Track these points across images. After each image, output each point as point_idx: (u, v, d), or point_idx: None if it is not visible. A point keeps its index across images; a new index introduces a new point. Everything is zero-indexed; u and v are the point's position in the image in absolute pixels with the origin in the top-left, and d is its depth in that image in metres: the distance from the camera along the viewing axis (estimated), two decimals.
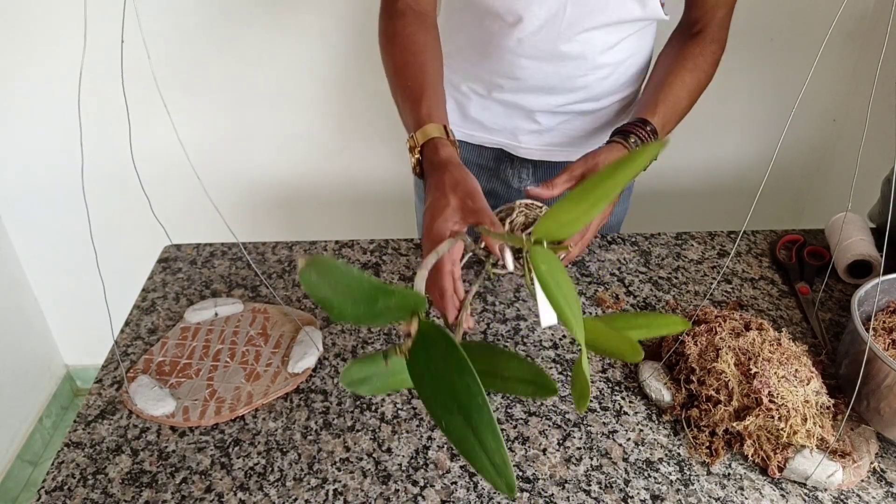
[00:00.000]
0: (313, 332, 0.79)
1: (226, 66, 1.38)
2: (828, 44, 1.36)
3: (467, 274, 0.88)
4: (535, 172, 1.01)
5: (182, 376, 0.75)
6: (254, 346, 0.78)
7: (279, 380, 0.74)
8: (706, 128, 1.51)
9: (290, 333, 0.80)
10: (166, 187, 1.55)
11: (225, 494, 0.62)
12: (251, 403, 0.71)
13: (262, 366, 0.76)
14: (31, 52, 1.35)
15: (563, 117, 0.93)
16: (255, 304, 0.84)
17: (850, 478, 0.62)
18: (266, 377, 0.74)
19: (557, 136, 0.96)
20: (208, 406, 0.71)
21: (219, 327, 0.81)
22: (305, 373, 0.74)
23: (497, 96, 0.92)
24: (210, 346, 0.79)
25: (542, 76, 0.87)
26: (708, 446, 0.66)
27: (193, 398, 0.72)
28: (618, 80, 0.91)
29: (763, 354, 0.66)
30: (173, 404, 0.71)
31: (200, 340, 0.80)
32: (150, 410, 0.70)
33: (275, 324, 0.81)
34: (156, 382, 0.73)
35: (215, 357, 0.77)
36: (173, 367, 0.76)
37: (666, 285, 0.88)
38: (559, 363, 0.76)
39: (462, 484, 0.63)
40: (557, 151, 0.97)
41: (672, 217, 1.62)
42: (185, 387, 0.74)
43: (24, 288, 1.67)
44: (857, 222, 0.91)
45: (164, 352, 0.79)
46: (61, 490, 0.63)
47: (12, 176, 1.50)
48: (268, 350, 0.78)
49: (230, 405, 0.71)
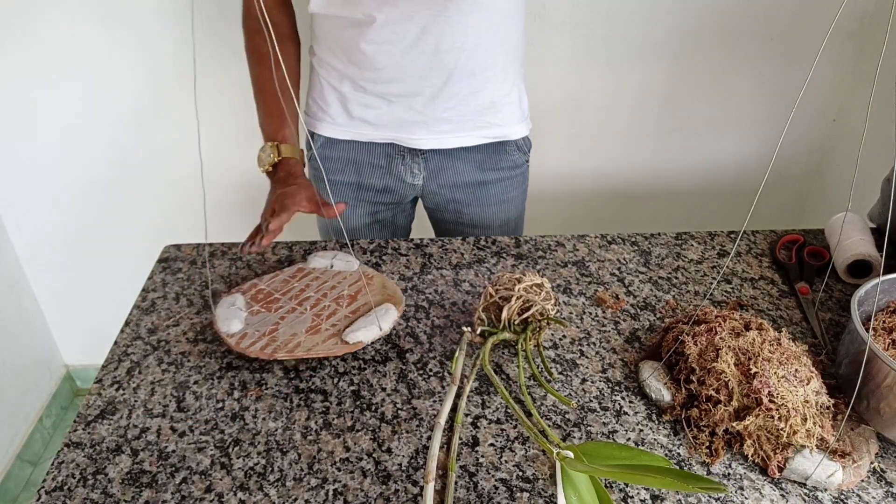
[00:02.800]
0: (389, 310, 0.78)
1: (226, 65, 1.37)
2: (828, 44, 1.36)
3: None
4: (427, 165, 1.04)
5: (264, 307, 0.78)
6: (336, 305, 0.79)
7: (329, 342, 0.74)
8: (706, 128, 1.51)
9: (374, 304, 0.79)
10: (167, 187, 1.55)
11: (225, 494, 0.62)
12: (293, 353, 0.72)
13: (327, 324, 0.76)
14: (31, 53, 1.35)
15: (445, 101, 0.96)
16: (366, 269, 0.86)
17: (850, 478, 0.62)
18: (322, 335, 0.75)
19: (443, 122, 0.98)
20: (261, 341, 0.73)
21: (325, 278, 0.84)
22: (356, 345, 0.74)
23: (372, 89, 0.95)
24: (305, 292, 0.81)
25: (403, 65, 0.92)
26: (708, 446, 0.66)
27: (257, 329, 0.75)
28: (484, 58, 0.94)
29: (763, 354, 0.66)
30: (239, 328, 0.75)
31: (302, 284, 0.83)
32: (220, 324, 0.75)
33: (370, 291, 0.81)
34: (243, 304, 0.78)
35: (300, 302, 0.80)
36: (266, 297, 0.80)
37: (666, 285, 0.88)
38: (559, 363, 0.76)
39: (462, 484, 0.63)
40: (448, 138, 1.00)
41: (672, 217, 1.63)
42: (259, 317, 0.77)
43: (24, 288, 1.67)
44: (857, 222, 0.91)
45: (270, 282, 0.83)
46: (61, 490, 0.63)
47: (12, 176, 1.51)
48: (344, 312, 0.78)
49: (276, 347, 0.73)
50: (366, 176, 1.05)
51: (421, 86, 0.94)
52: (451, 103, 0.96)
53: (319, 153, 1.05)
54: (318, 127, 1.03)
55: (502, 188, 1.08)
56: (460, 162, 1.04)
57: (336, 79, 0.97)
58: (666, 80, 1.43)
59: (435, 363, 0.76)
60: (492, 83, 0.97)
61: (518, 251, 0.95)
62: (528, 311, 0.74)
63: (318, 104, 1.03)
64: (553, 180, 1.53)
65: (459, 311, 0.84)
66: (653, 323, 0.82)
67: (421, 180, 1.05)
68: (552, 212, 1.58)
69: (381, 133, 1.00)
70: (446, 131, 0.99)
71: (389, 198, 1.09)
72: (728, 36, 1.38)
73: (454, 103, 0.96)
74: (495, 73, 0.96)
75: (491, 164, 1.05)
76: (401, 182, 1.05)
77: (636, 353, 0.78)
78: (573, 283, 0.89)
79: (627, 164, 1.55)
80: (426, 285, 0.88)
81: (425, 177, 1.05)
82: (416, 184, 1.06)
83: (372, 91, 0.95)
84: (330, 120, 1.01)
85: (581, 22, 1.35)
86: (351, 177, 1.05)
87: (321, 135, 1.03)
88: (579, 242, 0.96)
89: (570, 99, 1.44)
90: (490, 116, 0.99)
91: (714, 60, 1.41)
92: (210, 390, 0.73)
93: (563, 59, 1.38)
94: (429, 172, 1.05)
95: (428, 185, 1.06)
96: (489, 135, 1.01)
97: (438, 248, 0.95)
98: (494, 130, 1.01)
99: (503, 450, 0.66)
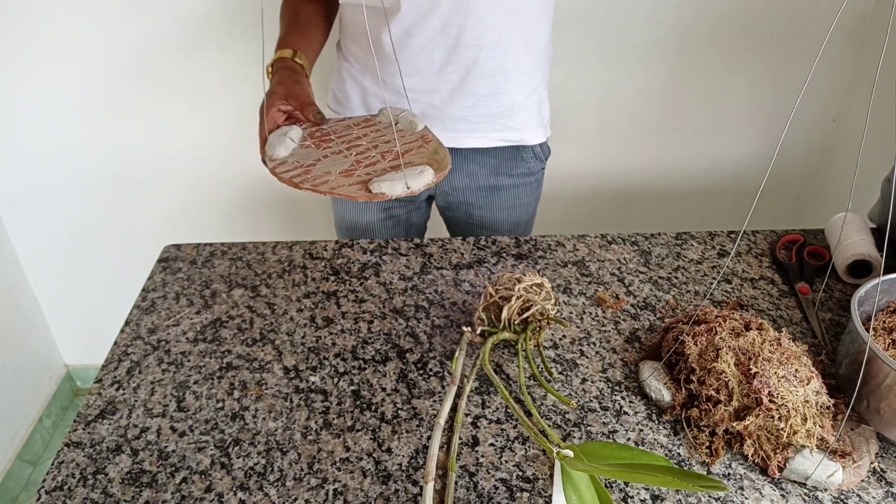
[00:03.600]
0: (425, 171, 0.73)
1: (227, 65, 1.38)
2: (828, 44, 1.36)
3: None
4: None
5: (315, 145, 0.78)
6: (382, 157, 0.77)
7: (355, 187, 0.72)
8: (706, 128, 1.51)
9: (414, 164, 0.76)
10: (167, 187, 1.55)
11: (225, 494, 0.62)
12: (317, 188, 0.71)
13: (362, 171, 0.74)
14: (31, 53, 1.35)
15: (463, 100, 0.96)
16: (427, 133, 0.83)
17: (850, 478, 0.62)
18: (351, 179, 0.73)
19: (460, 121, 0.98)
20: (295, 170, 0.74)
21: (384, 131, 0.83)
22: (378, 196, 0.71)
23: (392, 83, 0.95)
24: (360, 139, 0.81)
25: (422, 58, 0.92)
26: (708, 446, 0.66)
27: (298, 160, 0.75)
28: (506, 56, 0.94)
29: (763, 354, 0.66)
30: (283, 154, 0.76)
31: (361, 132, 0.82)
32: (268, 148, 0.77)
33: (419, 154, 0.79)
34: (298, 137, 0.79)
35: (350, 147, 0.79)
36: (322, 136, 0.80)
37: (666, 285, 0.88)
38: (559, 363, 0.76)
39: (462, 484, 0.63)
40: (464, 137, 1.00)
41: (672, 217, 1.63)
42: (306, 151, 0.77)
43: (24, 288, 1.67)
44: (857, 222, 0.91)
45: (334, 125, 0.83)
46: (61, 490, 0.63)
47: (12, 176, 1.51)
48: (384, 165, 0.76)
49: (306, 179, 0.72)
50: None
51: (439, 81, 0.94)
52: (469, 102, 0.96)
53: None
54: None
55: (515, 194, 1.08)
56: (475, 165, 1.04)
57: (358, 72, 0.98)
58: (666, 80, 1.43)
59: (435, 363, 0.76)
60: (512, 86, 0.96)
61: (518, 251, 0.95)
62: (528, 311, 0.74)
63: (338, 98, 1.04)
64: (553, 180, 1.53)
65: (459, 311, 0.84)
66: (653, 323, 0.82)
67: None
68: (552, 212, 1.58)
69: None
70: (463, 130, 0.99)
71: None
72: (728, 36, 1.38)
73: (472, 102, 0.96)
74: (516, 75, 0.96)
75: (506, 169, 1.05)
76: None
77: (636, 353, 0.78)
78: (573, 283, 0.89)
79: (627, 164, 1.55)
80: (426, 285, 0.88)
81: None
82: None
83: (391, 85, 0.95)
84: (350, 113, 1.02)
85: (581, 22, 1.35)
86: None
87: None
88: (579, 242, 0.96)
89: (570, 99, 1.44)
90: (507, 119, 0.99)
91: (714, 61, 1.41)
92: (210, 390, 0.73)
93: (563, 58, 1.38)
94: None
95: (441, 186, 1.07)
96: (506, 138, 1.01)
97: (438, 248, 0.95)
98: (511, 134, 1.01)
99: (503, 450, 0.66)
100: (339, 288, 0.88)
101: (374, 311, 0.84)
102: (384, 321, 0.82)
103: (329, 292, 0.87)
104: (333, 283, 0.88)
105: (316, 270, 0.91)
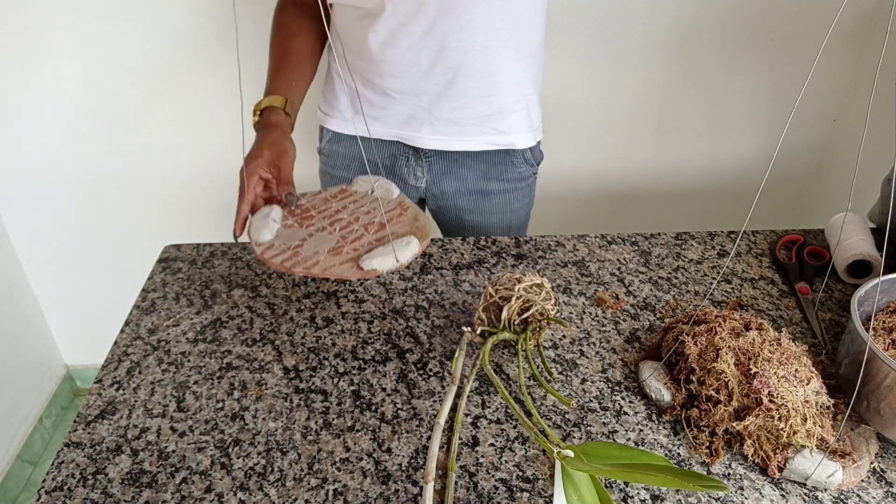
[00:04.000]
0: (410, 242, 0.75)
1: (227, 65, 1.38)
2: (828, 44, 1.36)
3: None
4: (431, 169, 1.04)
5: (298, 223, 0.79)
6: (365, 230, 0.78)
7: (346, 266, 0.73)
8: (706, 128, 1.51)
9: (400, 235, 0.77)
10: (167, 187, 1.55)
11: (225, 494, 0.62)
12: (309, 270, 0.72)
13: (350, 247, 0.75)
14: (32, 54, 1.35)
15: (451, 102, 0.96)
16: (404, 199, 0.84)
17: (850, 478, 0.62)
18: (341, 258, 0.74)
19: (448, 123, 0.98)
20: (284, 254, 0.74)
21: (362, 201, 0.83)
22: (370, 273, 0.72)
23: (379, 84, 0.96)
24: (340, 213, 0.81)
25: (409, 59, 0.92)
26: (708, 446, 0.66)
27: (284, 242, 0.75)
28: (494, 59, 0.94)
29: (763, 354, 0.66)
30: (268, 238, 0.76)
31: (339, 205, 0.83)
32: (252, 232, 0.77)
33: (400, 222, 0.80)
34: (279, 217, 0.79)
35: (333, 222, 0.80)
36: (303, 213, 0.81)
37: (666, 285, 0.88)
38: (559, 363, 0.76)
39: (462, 484, 0.63)
40: (453, 140, 1.00)
41: (672, 217, 1.63)
42: (290, 232, 0.78)
43: (24, 288, 1.67)
44: (857, 222, 0.91)
45: (312, 199, 0.83)
46: (61, 490, 0.63)
47: (12, 176, 1.51)
48: (369, 238, 0.77)
49: (295, 262, 0.73)
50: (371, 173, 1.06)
51: (426, 84, 0.94)
52: (458, 104, 0.96)
53: (328, 148, 1.07)
54: (328, 122, 1.05)
55: (506, 199, 1.08)
56: (465, 168, 1.04)
57: (346, 73, 0.98)
58: (666, 80, 1.43)
59: (435, 363, 0.76)
60: (500, 88, 0.96)
61: (518, 251, 0.95)
62: (528, 311, 0.74)
63: (328, 99, 1.04)
64: (553, 180, 1.53)
65: (459, 311, 0.84)
66: (653, 323, 0.82)
67: (424, 183, 1.05)
68: (552, 212, 1.58)
69: (387, 130, 1.00)
70: (451, 133, 0.99)
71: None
72: (728, 36, 1.38)
73: (460, 104, 0.96)
74: (504, 78, 0.95)
75: (496, 174, 1.05)
76: (404, 184, 1.06)
77: (636, 353, 0.78)
78: (573, 283, 0.89)
79: (627, 164, 1.55)
80: (426, 285, 0.88)
81: (428, 180, 1.05)
82: (419, 186, 1.06)
83: (379, 86, 0.95)
84: (339, 115, 1.02)
85: (581, 22, 1.35)
86: (355, 173, 1.06)
87: (330, 129, 1.05)
88: (579, 242, 0.96)
89: (570, 99, 1.44)
90: (496, 122, 0.99)
91: (714, 61, 1.41)
92: (210, 390, 0.73)
93: (563, 58, 1.38)
94: (432, 176, 1.05)
95: (431, 189, 1.06)
96: (495, 141, 1.01)
97: (438, 248, 0.95)
98: (501, 138, 1.01)
99: (503, 450, 0.66)
100: (339, 288, 0.88)
101: (374, 311, 0.84)
102: (384, 321, 0.82)
103: (329, 292, 0.87)
104: (333, 283, 0.88)
105: None
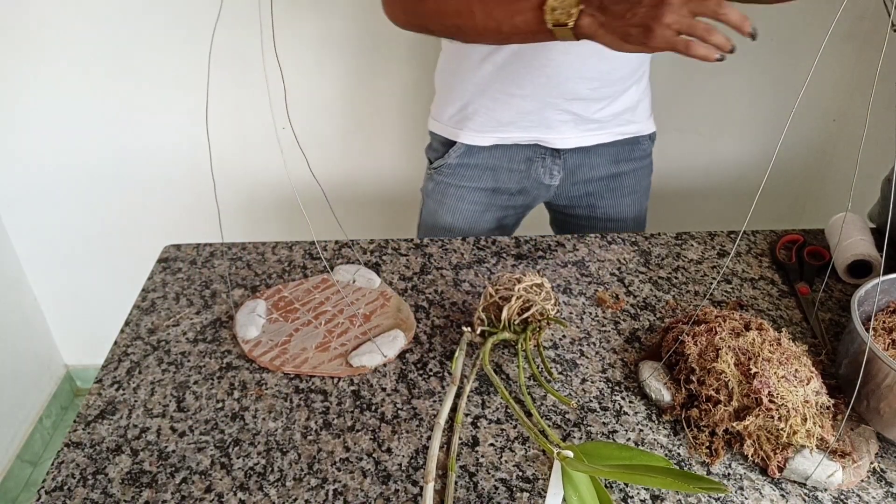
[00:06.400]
0: (397, 337, 0.77)
1: (228, 65, 1.38)
2: (828, 44, 1.36)
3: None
4: (566, 165, 1.05)
5: (282, 317, 0.79)
6: (350, 323, 0.79)
7: (335, 363, 0.75)
8: (706, 128, 1.51)
9: (385, 328, 0.79)
10: (167, 187, 1.55)
11: (225, 494, 0.62)
12: (298, 368, 0.73)
13: (337, 343, 0.77)
14: (31, 53, 1.35)
15: (597, 104, 0.98)
16: (386, 289, 0.85)
17: (850, 478, 0.62)
18: (329, 354, 0.75)
19: (591, 122, 1.00)
20: (272, 351, 0.75)
21: (345, 293, 0.84)
22: (359, 370, 0.74)
23: (522, 92, 0.95)
24: (324, 305, 0.82)
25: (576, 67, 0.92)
26: (708, 446, 0.66)
27: (271, 338, 0.76)
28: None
29: (763, 354, 0.66)
30: (255, 334, 0.77)
31: (322, 296, 0.83)
32: (237, 328, 0.77)
33: (384, 313, 0.81)
34: (264, 311, 0.80)
35: (317, 315, 0.80)
36: (286, 306, 0.81)
37: (666, 285, 0.88)
38: (559, 363, 0.76)
39: (462, 484, 0.63)
40: (592, 136, 1.02)
41: (672, 217, 1.62)
42: (276, 326, 0.79)
43: (24, 288, 1.67)
44: (857, 222, 0.91)
45: (294, 290, 0.83)
46: (61, 490, 0.63)
47: (12, 176, 1.51)
48: (355, 332, 0.78)
49: (284, 360, 0.74)
50: (503, 181, 1.05)
51: (583, 88, 0.94)
52: (602, 104, 0.98)
53: (457, 161, 1.04)
54: (461, 136, 1.02)
55: (636, 178, 1.10)
56: (596, 157, 1.05)
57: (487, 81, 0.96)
58: (666, 80, 1.43)
59: (435, 363, 0.76)
60: (636, 83, 1.00)
61: (518, 251, 0.95)
62: (528, 311, 0.74)
63: (462, 112, 1.01)
64: None
65: (459, 311, 0.84)
66: (653, 323, 0.82)
67: (558, 181, 1.06)
68: None
69: (528, 135, 1.00)
70: (592, 129, 1.01)
71: (522, 200, 1.09)
72: (728, 36, 1.38)
73: (604, 104, 0.98)
74: (638, 74, 1.00)
75: (625, 155, 1.07)
76: (538, 184, 1.06)
77: (636, 353, 0.78)
78: (573, 283, 0.89)
79: None
80: (426, 285, 0.88)
81: (562, 177, 1.05)
82: (552, 184, 1.06)
83: (529, 94, 0.95)
84: (474, 127, 1.00)
85: None
86: (487, 183, 1.05)
87: (463, 143, 1.02)
88: (579, 242, 0.96)
89: None
90: (630, 115, 1.03)
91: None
92: (210, 390, 0.73)
93: None
94: (566, 172, 1.05)
95: (564, 184, 1.07)
96: (626, 131, 1.04)
97: (438, 248, 0.95)
98: (631, 127, 1.04)
99: (503, 450, 0.66)
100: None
101: None
102: None
103: None
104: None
105: (316, 270, 0.91)
